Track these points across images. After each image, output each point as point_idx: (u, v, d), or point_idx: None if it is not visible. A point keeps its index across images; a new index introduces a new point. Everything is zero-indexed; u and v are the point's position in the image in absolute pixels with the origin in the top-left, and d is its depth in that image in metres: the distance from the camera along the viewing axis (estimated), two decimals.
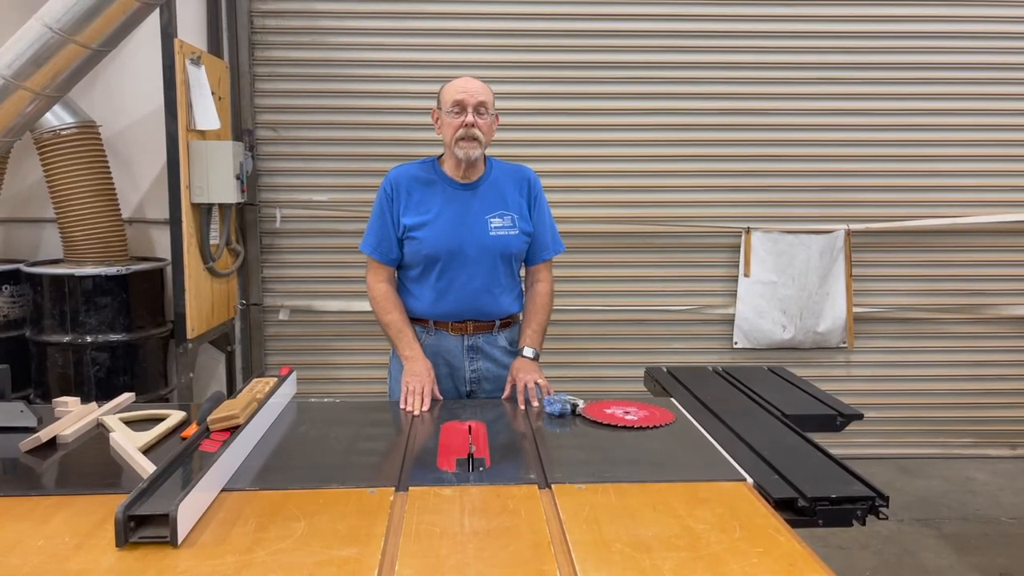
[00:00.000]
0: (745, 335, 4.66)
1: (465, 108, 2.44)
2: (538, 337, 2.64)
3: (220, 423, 1.96)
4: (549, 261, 2.70)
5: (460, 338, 2.60)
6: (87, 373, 3.85)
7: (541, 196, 2.65)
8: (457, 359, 2.62)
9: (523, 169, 2.66)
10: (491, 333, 2.63)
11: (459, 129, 2.44)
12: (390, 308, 2.59)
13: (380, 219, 2.58)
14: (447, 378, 2.62)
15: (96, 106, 4.21)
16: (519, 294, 2.69)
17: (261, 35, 4.43)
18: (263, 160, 4.50)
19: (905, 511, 4.01)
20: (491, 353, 2.63)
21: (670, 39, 4.47)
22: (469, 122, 2.44)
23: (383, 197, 2.57)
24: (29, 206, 4.38)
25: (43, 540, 1.50)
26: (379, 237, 2.58)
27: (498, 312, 2.61)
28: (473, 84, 2.48)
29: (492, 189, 2.57)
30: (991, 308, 4.72)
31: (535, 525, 1.57)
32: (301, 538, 1.50)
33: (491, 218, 2.54)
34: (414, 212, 2.53)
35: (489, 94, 2.50)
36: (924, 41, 4.51)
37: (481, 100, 2.46)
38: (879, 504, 1.74)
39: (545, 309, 2.68)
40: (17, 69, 2.86)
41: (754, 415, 2.35)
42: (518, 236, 2.57)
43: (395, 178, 2.58)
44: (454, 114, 2.45)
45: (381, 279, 2.62)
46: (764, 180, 4.60)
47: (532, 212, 2.61)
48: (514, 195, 2.59)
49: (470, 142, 2.46)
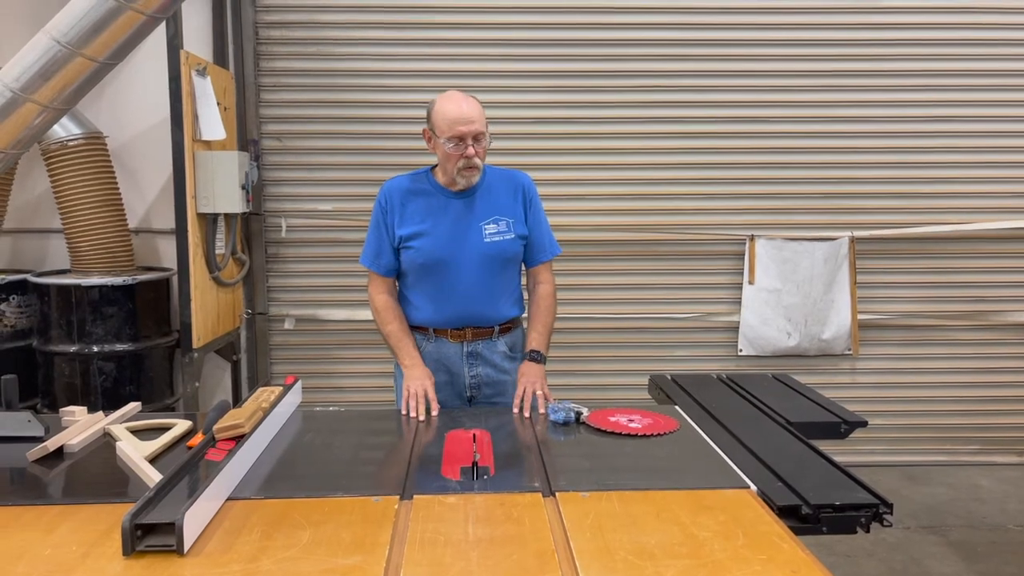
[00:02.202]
0: (750, 342, 4.66)
1: (465, 140, 2.42)
2: (543, 339, 2.64)
3: (226, 432, 1.97)
4: (549, 263, 2.71)
5: (460, 345, 2.62)
6: (94, 383, 3.86)
7: (536, 200, 2.65)
8: (457, 365, 2.63)
9: (517, 174, 2.66)
10: (490, 339, 2.64)
11: (460, 160, 2.43)
12: (390, 319, 2.61)
13: (376, 232, 2.60)
14: (447, 385, 2.63)
15: (103, 117, 4.24)
16: (518, 298, 2.70)
17: (266, 46, 4.45)
18: (268, 170, 4.53)
19: (911, 519, 4.00)
20: (490, 359, 2.64)
21: (673, 47, 4.49)
22: (469, 154, 2.43)
23: (378, 210, 2.59)
24: (36, 217, 4.41)
25: (50, 549, 1.51)
26: (376, 250, 2.61)
27: (496, 317, 2.63)
28: (468, 111, 2.41)
29: (486, 196, 2.57)
30: (996, 315, 4.71)
31: (539, 533, 1.58)
32: (306, 546, 1.51)
33: (485, 224, 2.54)
34: (409, 222, 2.55)
35: (483, 115, 2.45)
36: (927, 48, 4.52)
37: (479, 129, 2.42)
38: (883, 512, 1.74)
39: (550, 311, 2.68)
40: (25, 82, 2.87)
41: (758, 422, 2.35)
42: (513, 241, 2.57)
43: (388, 190, 2.59)
44: (452, 147, 2.42)
45: (381, 290, 2.64)
46: (768, 187, 4.61)
47: (528, 216, 2.61)
48: (508, 200, 2.59)
49: (471, 171, 2.47)
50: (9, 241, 4.40)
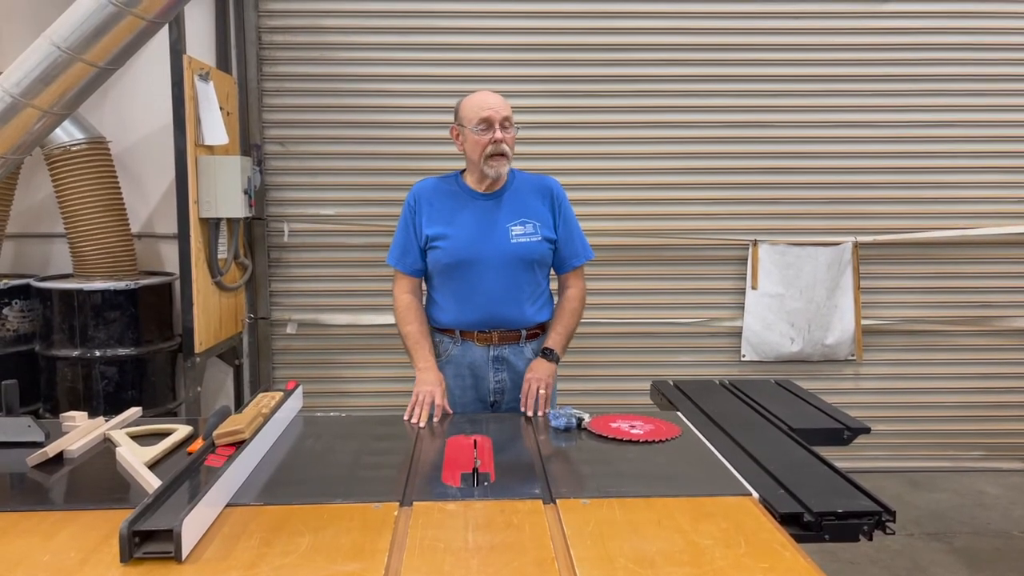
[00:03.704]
0: (753, 348, 4.65)
1: (492, 125, 2.46)
2: (561, 339, 2.63)
3: (225, 438, 1.96)
4: (580, 268, 2.70)
5: (486, 348, 2.60)
6: (96, 387, 3.86)
7: (566, 204, 2.66)
8: (483, 369, 2.62)
9: (545, 179, 2.68)
10: (517, 344, 2.62)
11: (488, 146, 2.46)
12: (411, 320, 2.60)
13: (404, 231, 2.61)
14: (471, 389, 2.63)
15: (106, 122, 4.24)
16: (546, 304, 2.68)
17: (269, 51, 4.46)
18: (271, 175, 4.53)
19: (915, 525, 3.98)
20: (516, 364, 2.62)
21: (677, 52, 4.48)
22: (498, 138, 2.46)
23: (407, 210, 2.61)
24: (39, 221, 4.41)
25: (49, 555, 1.51)
26: (403, 249, 2.62)
27: (523, 321, 2.61)
28: (495, 99, 2.50)
29: (514, 198, 2.58)
30: (1001, 320, 4.69)
31: (539, 541, 1.57)
32: (305, 553, 1.51)
33: (512, 226, 2.54)
34: (436, 222, 2.56)
35: (509, 107, 2.53)
36: (929, 53, 4.51)
37: (506, 115, 2.49)
38: (886, 519, 1.73)
39: (574, 314, 2.67)
40: (25, 87, 2.88)
41: (761, 429, 2.35)
42: (540, 243, 2.57)
43: (418, 191, 2.62)
44: (481, 131, 2.47)
45: (405, 290, 2.64)
46: (771, 192, 4.60)
47: (557, 221, 2.62)
48: (536, 204, 2.60)
49: (499, 159, 2.49)
50: (12, 245, 4.41)
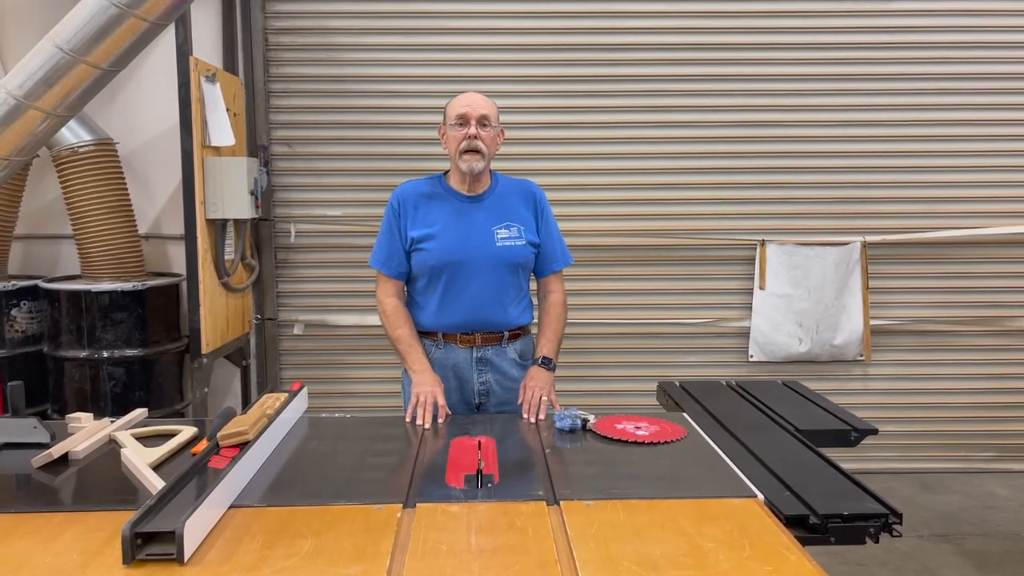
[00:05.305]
0: (761, 348, 4.63)
1: (468, 121, 2.49)
2: (553, 346, 2.65)
3: (230, 439, 1.96)
4: (559, 272, 2.73)
5: (469, 350, 2.61)
6: (103, 388, 3.87)
7: (547, 209, 2.69)
8: (466, 371, 2.62)
9: (528, 183, 2.71)
10: (500, 345, 2.64)
11: (462, 141, 2.49)
12: (400, 323, 2.61)
13: (388, 234, 2.62)
14: (456, 391, 2.63)
15: (113, 123, 4.25)
16: (527, 306, 2.71)
17: (276, 52, 4.47)
18: (278, 176, 4.53)
19: (925, 527, 3.95)
20: (500, 365, 2.64)
21: (682, 51, 4.47)
22: (472, 134, 2.49)
23: (390, 213, 2.62)
24: (47, 223, 4.43)
25: (51, 557, 1.51)
26: (388, 252, 2.62)
27: (506, 323, 2.63)
28: (476, 98, 2.54)
29: (498, 202, 2.61)
30: (1011, 320, 4.66)
31: (542, 543, 1.56)
32: (307, 556, 1.50)
33: (497, 229, 2.57)
34: (421, 225, 2.57)
35: (493, 108, 2.55)
36: (938, 52, 4.48)
37: (484, 113, 2.51)
38: (892, 521, 1.71)
39: (560, 319, 2.70)
40: (28, 89, 2.89)
41: (767, 430, 2.33)
42: (525, 247, 2.60)
43: (401, 193, 2.63)
44: (457, 127, 2.50)
45: (390, 294, 2.65)
46: (779, 192, 4.58)
47: (539, 225, 2.65)
48: (520, 208, 2.63)
49: (473, 155, 2.50)
50: (20, 247, 4.42)
